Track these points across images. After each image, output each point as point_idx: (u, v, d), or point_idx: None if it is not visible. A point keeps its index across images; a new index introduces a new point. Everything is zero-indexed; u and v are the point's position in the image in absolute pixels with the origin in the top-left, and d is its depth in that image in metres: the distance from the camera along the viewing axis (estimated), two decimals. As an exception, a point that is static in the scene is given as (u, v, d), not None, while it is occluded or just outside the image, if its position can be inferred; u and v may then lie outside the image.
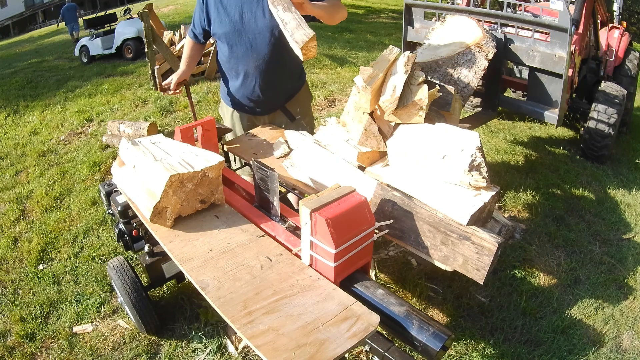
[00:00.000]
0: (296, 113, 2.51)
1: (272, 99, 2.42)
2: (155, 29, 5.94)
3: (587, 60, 4.34)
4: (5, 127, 5.26)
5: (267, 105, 2.45)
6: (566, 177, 3.79)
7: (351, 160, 1.96)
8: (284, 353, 1.19)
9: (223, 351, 2.16)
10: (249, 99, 2.40)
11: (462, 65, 2.62)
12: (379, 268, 2.63)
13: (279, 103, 2.46)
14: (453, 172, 1.65)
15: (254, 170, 1.81)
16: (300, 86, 2.48)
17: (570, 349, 2.20)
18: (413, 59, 1.88)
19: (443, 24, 3.00)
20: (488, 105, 3.57)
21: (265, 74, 2.28)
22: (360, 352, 2.09)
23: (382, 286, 1.54)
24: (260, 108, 2.46)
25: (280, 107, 2.48)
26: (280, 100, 2.46)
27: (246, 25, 2.17)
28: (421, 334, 1.37)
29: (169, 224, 1.71)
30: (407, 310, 1.43)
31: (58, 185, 3.77)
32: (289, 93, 2.45)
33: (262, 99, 2.38)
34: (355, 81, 1.93)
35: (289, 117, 2.50)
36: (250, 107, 2.45)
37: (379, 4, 14.26)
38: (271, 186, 1.75)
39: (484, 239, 1.51)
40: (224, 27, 2.21)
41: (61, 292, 2.58)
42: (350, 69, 6.61)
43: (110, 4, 19.91)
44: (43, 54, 9.72)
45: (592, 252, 2.93)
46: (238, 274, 1.48)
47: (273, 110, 2.49)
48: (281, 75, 2.34)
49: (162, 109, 5.16)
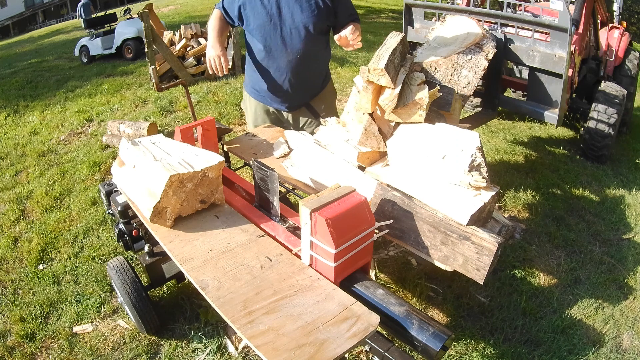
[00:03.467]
0: (320, 111, 2.50)
1: (300, 95, 2.42)
2: (155, 29, 5.93)
3: (587, 60, 4.34)
4: (5, 127, 5.26)
5: (294, 100, 2.44)
6: (566, 177, 3.79)
7: (351, 160, 1.96)
8: (284, 353, 1.19)
9: (223, 351, 2.16)
10: (277, 94, 2.39)
11: (462, 65, 2.62)
12: (379, 268, 2.63)
13: (305, 100, 2.46)
14: (453, 172, 1.65)
15: (254, 170, 1.81)
16: (326, 84, 2.49)
17: (570, 349, 2.20)
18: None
19: (443, 24, 3.00)
20: (488, 105, 3.57)
21: (297, 69, 2.28)
22: (360, 352, 2.09)
23: (382, 286, 1.54)
24: (287, 103, 2.45)
25: (305, 104, 2.47)
26: (307, 97, 2.45)
27: (283, 19, 2.16)
28: (421, 334, 1.37)
29: (169, 224, 1.71)
30: (407, 310, 1.43)
31: (58, 185, 3.77)
32: (316, 90, 2.46)
33: (291, 94, 2.37)
34: (355, 81, 1.93)
35: (314, 114, 2.49)
36: (278, 101, 2.44)
37: (379, 4, 14.25)
38: (271, 186, 1.75)
39: (484, 239, 1.51)
40: (259, 19, 2.18)
41: (61, 292, 2.58)
42: (350, 69, 6.61)
43: (110, 4, 19.90)
44: (43, 54, 9.71)
45: (592, 252, 2.92)
46: (238, 274, 1.48)
47: (299, 106, 2.48)
48: (311, 72, 2.35)
49: (162, 109, 5.15)
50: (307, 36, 2.18)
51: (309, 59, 2.25)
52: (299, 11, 2.14)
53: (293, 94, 2.38)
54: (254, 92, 2.49)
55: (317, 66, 2.35)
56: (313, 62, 2.29)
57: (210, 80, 5.98)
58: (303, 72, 2.30)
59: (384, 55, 1.77)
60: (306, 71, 2.30)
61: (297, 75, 2.29)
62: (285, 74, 2.29)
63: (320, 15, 2.16)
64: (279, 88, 2.36)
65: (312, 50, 2.23)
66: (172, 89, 4.34)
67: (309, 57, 2.25)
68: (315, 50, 2.24)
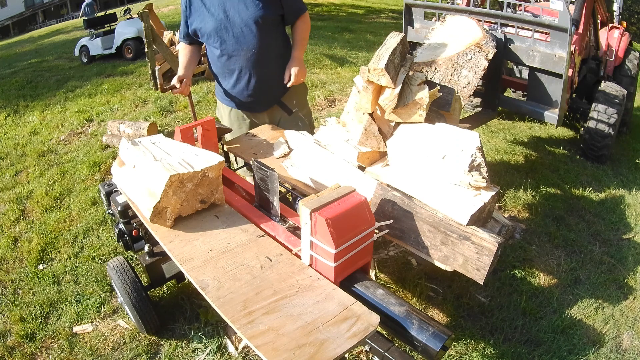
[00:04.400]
0: (293, 106, 2.52)
1: (269, 92, 2.44)
2: (155, 29, 5.93)
3: (587, 60, 4.34)
4: (5, 127, 5.26)
5: (264, 99, 2.46)
6: (566, 177, 3.79)
7: (351, 160, 1.96)
8: (284, 353, 1.19)
9: (223, 351, 2.16)
10: (246, 95, 2.41)
11: (462, 65, 2.62)
12: (379, 268, 2.63)
13: (276, 97, 2.48)
14: (453, 172, 1.65)
15: (254, 170, 1.81)
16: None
17: (570, 349, 2.20)
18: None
19: (443, 24, 3.00)
20: (488, 105, 3.58)
21: (258, 66, 2.31)
22: (360, 352, 2.09)
23: (382, 286, 1.54)
24: (258, 103, 2.47)
25: (276, 101, 2.49)
26: (276, 93, 2.47)
27: (232, 20, 2.21)
28: (421, 334, 1.37)
29: (169, 224, 1.71)
30: (407, 310, 1.43)
31: (58, 185, 3.77)
32: (284, 86, 2.46)
33: (259, 92, 2.40)
34: (355, 81, 1.93)
35: (286, 110, 2.51)
36: (248, 103, 2.46)
37: (379, 4, 14.25)
38: (271, 186, 1.75)
39: (484, 239, 1.51)
40: (209, 26, 2.25)
41: (61, 292, 2.58)
42: (350, 69, 6.61)
43: (110, 4, 19.90)
44: (43, 54, 9.70)
45: (592, 252, 2.92)
46: (238, 274, 1.48)
47: (270, 105, 2.50)
48: (274, 66, 2.36)
49: (162, 109, 5.16)
50: (259, 30, 2.22)
51: (267, 53, 2.29)
52: (244, 9, 2.19)
53: (261, 92, 2.40)
54: (225, 99, 2.52)
55: (279, 60, 2.37)
56: (272, 57, 2.33)
57: (211, 80, 5.98)
58: (265, 68, 2.33)
59: (384, 55, 1.78)
60: (268, 66, 2.33)
61: (259, 73, 2.33)
62: (248, 73, 2.33)
63: (265, 7, 2.21)
64: (246, 89, 2.39)
65: (267, 44, 2.27)
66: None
67: (266, 52, 2.28)
68: (271, 43, 2.29)
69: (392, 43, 1.88)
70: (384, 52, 1.81)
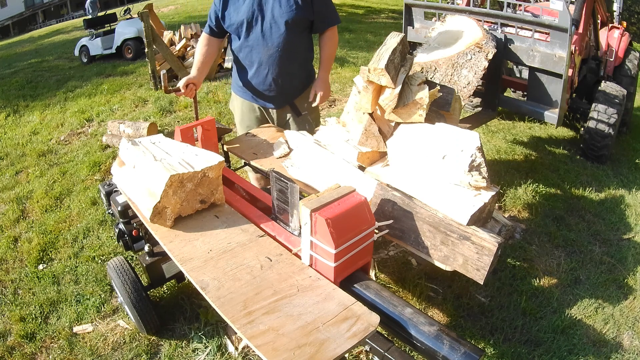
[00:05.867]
0: (303, 109, 2.53)
1: (284, 91, 2.45)
2: (155, 29, 5.94)
3: (587, 60, 4.34)
4: (5, 127, 5.26)
5: (278, 97, 2.47)
6: (566, 177, 3.79)
7: (351, 160, 1.96)
8: (284, 353, 1.19)
9: (223, 351, 2.16)
10: (262, 89, 2.43)
11: (462, 65, 2.63)
12: (379, 268, 2.63)
13: (290, 97, 2.49)
14: (453, 172, 1.65)
15: (271, 181, 1.74)
16: (310, 82, 2.50)
17: (570, 349, 2.20)
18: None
19: (443, 24, 3.00)
20: (488, 105, 3.58)
21: (278, 63, 2.33)
22: (360, 352, 2.09)
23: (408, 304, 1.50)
24: (271, 100, 2.48)
25: (289, 102, 2.50)
26: (291, 94, 2.48)
27: (264, 15, 2.24)
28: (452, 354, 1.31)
29: (169, 224, 1.71)
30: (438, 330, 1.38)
31: (58, 185, 3.77)
32: (300, 87, 2.48)
33: (275, 89, 2.41)
34: (355, 81, 1.93)
35: (296, 112, 2.52)
36: (263, 97, 2.48)
37: (379, 4, 14.25)
38: (291, 198, 1.67)
39: (484, 239, 1.51)
40: (241, 15, 2.27)
41: (61, 292, 2.58)
42: (350, 69, 6.61)
43: (110, 4, 19.90)
44: (43, 54, 9.70)
45: (592, 252, 2.92)
46: (238, 274, 1.48)
47: (283, 104, 2.51)
48: (294, 67, 2.38)
49: (162, 109, 5.15)
50: (286, 30, 2.25)
51: (289, 53, 2.31)
52: (278, 7, 2.23)
53: (277, 90, 2.42)
54: (240, 91, 2.54)
55: (299, 62, 2.39)
56: (294, 58, 2.35)
57: (211, 80, 5.98)
58: (284, 68, 2.35)
59: (384, 55, 1.78)
60: (288, 66, 2.35)
61: (279, 70, 2.35)
62: (268, 69, 2.35)
63: (298, 10, 2.24)
64: (263, 84, 2.40)
65: (291, 45, 2.29)
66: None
67: (289, 52, 2.31)
68: (295, 45, 2.31)
69: (392, 43, 1.88)
70: (384, 52, 1.81)
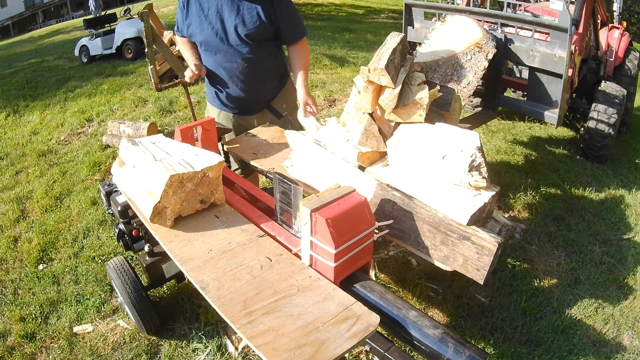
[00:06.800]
0: (282, 110, 2.54)
1: (257, 99, 2.47)
2: (155, 29, 5.92)
3: (587, 60, 4.34)
4: (5, 127, 5.26)
5: (254, 104, 2.49)
6: (566, 177, 3.79)
7: (351, 160, 1.96)
8: (284, 353, 1.19)
9: (223, 351, 2.16)
10: (234, 100, 2.44)
11: (462, 65, 2.63)
12: (379, 268, 2.63)
13: (265, 102, 2.50)
14: (453, 172, 1.65)
15: (274, 184, 1.73)
16: (284, 83, 2.51)
17: (570, 349, 2.20)
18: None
19: (443, 24, 3.00)
20: (488, 105, 3.57)
21: (247, 76, 2.34)
22: (360, 352, 2.09)
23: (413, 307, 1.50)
24: (247, 108, 2.50)
25: (266, 106, 2.51)
26: (266, 99, 2.50)
27: (227, 31, 2.23)
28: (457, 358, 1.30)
29: (169, 224, 1.71)
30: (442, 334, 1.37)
31: (58, 185, 3.77)
32: (274, 91, 2.49)
33: (248, 98, 2.42)
34: (355, 81, 1.93)
35: (276, 114, 2.53)
36: (237, 107, 2.49)
37: (379, 4, 14.26)
38: (294, 200, 1.66)
39: (484, 239, 1.51)
40: (205, 34, 2.27)
41: (61, 292, 2.58)
42: (350, 69, 6.61)
43: (110, 4, 19.90)
44: (43, 54, 9.70)
45: (592, 252, 2.92)
46: (238, 274, 1.48)
47: (260, 109, 2.52)
48: (264, 75, 2.39)
49: (162, 109, 5.15)
50: (252, 46, 2.26)
51: (258, 64, 2.33)
52: (241, 24, 2.21)
53: (249, 99, 2.43)
54: (214, 102, 2.54)
55: (268, 72, 2.41)
56: (262, 69, 2.36)
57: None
58: (255, 77, 2.36)
59: (384, 55, 1.78)
60: (257, 77, 2.37)
61: (248, 81, 2.36)
62: (238, 81, 2.36)
63: (261, 27, 2.23)
64: (234, 95, 2.41)
65: (258, 58, 2.31)
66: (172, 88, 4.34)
67: (257, 63, 2.32)
68: (262, 57, 2.32)
69: (392, 43, 1.88)
70: (384, 52, 1.81)
